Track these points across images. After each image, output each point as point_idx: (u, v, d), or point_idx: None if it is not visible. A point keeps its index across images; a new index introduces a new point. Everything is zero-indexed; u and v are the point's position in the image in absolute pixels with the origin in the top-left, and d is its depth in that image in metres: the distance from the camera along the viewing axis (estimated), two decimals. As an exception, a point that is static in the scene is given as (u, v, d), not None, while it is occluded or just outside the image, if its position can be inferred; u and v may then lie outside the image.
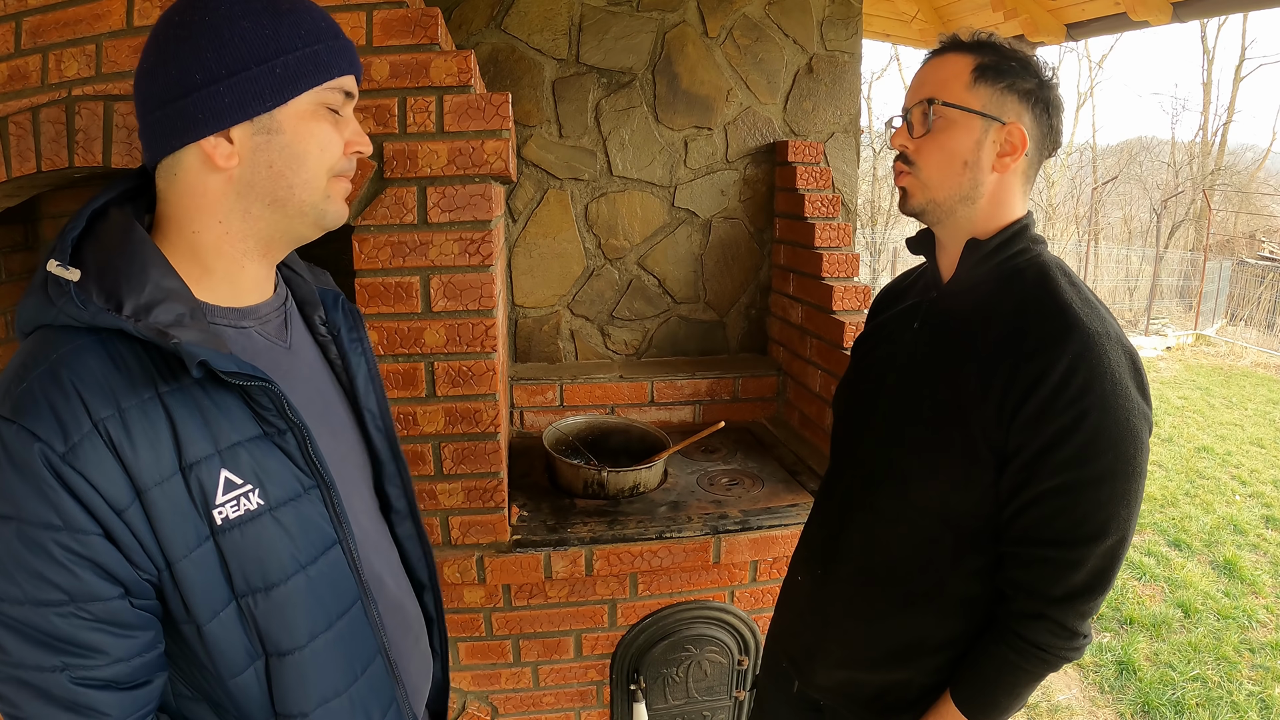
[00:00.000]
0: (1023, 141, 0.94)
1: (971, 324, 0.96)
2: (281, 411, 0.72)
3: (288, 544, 0.72)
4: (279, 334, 0.81)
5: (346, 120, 0.76)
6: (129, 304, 0.65)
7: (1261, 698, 2.72)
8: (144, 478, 0.64)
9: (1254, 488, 4.80)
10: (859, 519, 1.08)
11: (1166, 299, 12.00)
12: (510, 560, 1.55)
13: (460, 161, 1.37)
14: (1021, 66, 0.95)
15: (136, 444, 0.63)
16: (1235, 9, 2.74)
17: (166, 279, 0.69)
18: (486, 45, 2.09)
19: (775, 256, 2.35)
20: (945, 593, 1.01)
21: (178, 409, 0.66)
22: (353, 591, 0.79)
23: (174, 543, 0.65)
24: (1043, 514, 0.90)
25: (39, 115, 1.34)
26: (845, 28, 2.30)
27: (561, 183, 2.20)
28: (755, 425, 2.28)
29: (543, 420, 2.16)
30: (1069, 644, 0.93)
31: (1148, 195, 15.93)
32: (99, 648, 0.64)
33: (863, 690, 1.10)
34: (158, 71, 0.69)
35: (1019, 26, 3.11)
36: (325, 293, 0.90)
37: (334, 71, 0.73)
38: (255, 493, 0.70)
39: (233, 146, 0.69)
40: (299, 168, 0.72)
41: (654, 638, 1.76)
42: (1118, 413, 0.86)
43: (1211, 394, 7.24)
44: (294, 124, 0.71)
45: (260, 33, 0.68)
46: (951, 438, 0.94)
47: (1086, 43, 10.85)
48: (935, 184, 0.97)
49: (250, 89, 0.68)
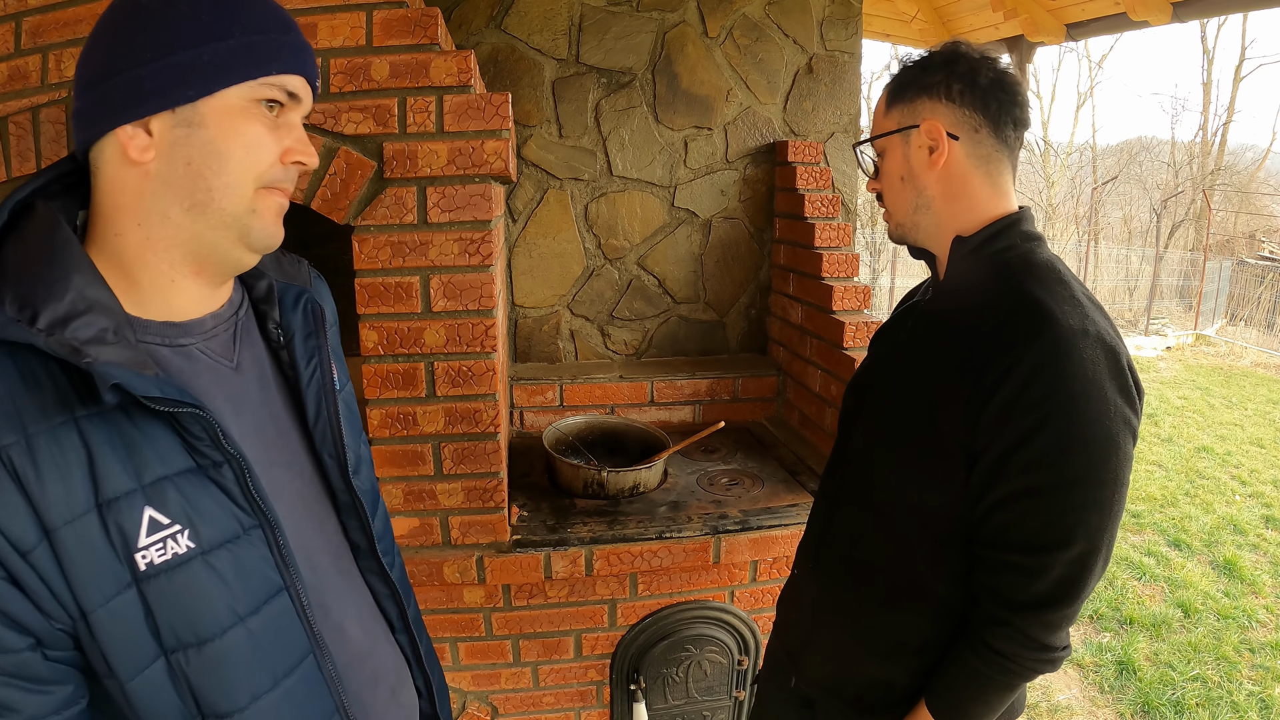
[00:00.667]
0: (940, 134, 0.94)
1: (953, 322, 0.96)
2: (216, 442, 0.63)
3: (223, 592, 0.63)
4: (225, 351, 0.71)
5: (289, 126, 0.68)
6: (45, 315, 0.57)
7: (1261, 698, 2.72)
8: (52, 515, 0.56)
9: (1254, 488, 4.80)
10: (845, 515, 1.10)
11: (1166, 299, 12.00)
12: (510, 560, 1.55)
13: (460, 161, 1.37)
14: (923, 67, 0.96)
15: (44, 476, 0.55)
16: (1235, 9, 2.74)
17: (91, 288, 0.60)
18: (486, 45, 2.09)
19: (775, 256, 2.35)
20: (926, 594, 1.00)
21: (96, 437, 0.58)
22: (302, 645, 0.70)
23: (88, 590, 0.57)
24: (1008, 518, 0.88)
25: (39, 115, 1.34)
26: (845, 28, 2.31)
27: (561, 183, 2.20)
28: (755, 425, 2.28)
29: (543, 420, 2.16)
30: (1036, 655, 0.89)
31: (1148, 195, 15.93)
32: (9, 705, 0.57)
33: (848, 687, 1.11)
34: (89, 54, 0.63)
35: (1019, 26, 3.11)
36: (287, 289, 0.79)
37: (273, 67, 0.65)
38: (185, 534, 0.61)
39: (150, 139, 0.62)
40: (220, 169, 0.64)
41: (654, 638, 1.76)
42: (1088, 415, 0.82)
43: (1211, 394, 7.24)
44: (219, 119, 0.63)
45: (196, 17, 0.62)
46: (926, 436, 0.94)
47: (1086, 43, 10.84)
48: (892, 209, 1.02)
49: (174, 76, 0.61)
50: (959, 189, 0.96)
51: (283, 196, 0.69)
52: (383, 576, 0.85)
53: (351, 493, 0.80)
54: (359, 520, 0.82)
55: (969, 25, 3.45)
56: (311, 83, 0.70)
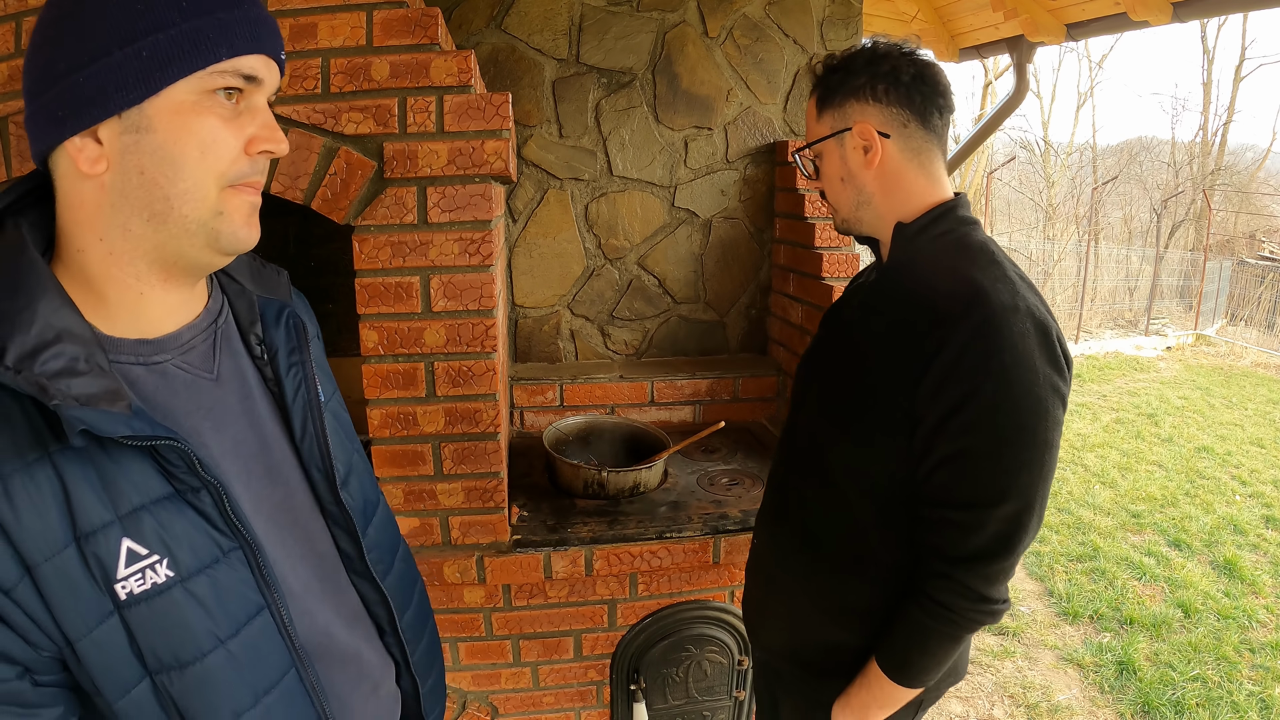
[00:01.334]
0: (872, 135, 1.01)
1: (895, 300, 1.02)
2: (193, 469, 0.62)
3: (203, 618, 0.63)
4: (204, 363, 0.69)
5: (252, 112, 0.63)
6: (13, 350, 0.55)
7: (1261, 698, 2.72)
8: (32, 552, 0.55)
9: (1254, 488, 4.80)
10: (794, 484, 1.16)
11: (1166, 299, 12.00)
12: (510, 560, 1.55)
13: (460, 161, 1.37)
14: (847, 70, 1.02)
15: (21, 514, 0.55)
16: (1235, 9, 2.74)
17: (58, 315, 0.58)
18: (486, 45, 2.09)
19: (775, 256, 2.35)
20: (875, 558, 1.06)
21: (71, 472, 0.57)
22: (284, 661, 0.70)
23: (72, 621, 0.57)
24: (946, 479, 0.94)
25: (39, 115, 1.34)
26: (845, 28, 2.30)
27: (561, 183, 2.20)
28: (755, 425, 2.28)
29: (543, 420, 2.16)
30: (976, 606, 0.95)
31: (1148, 195, 15.92)
32: None
33: (803, 653, 1.17)
34: (30, 60, 0.59)
35: (1019, 26, 3.11)
36: (268, 304, 0.77)
37: (222, 51, 0.59)
38: (163, 563, 0.60)
39: (101, 149, 0.58)
40: (175, 175, 0.59)
41: (654, 638, 1.76)
42: (1018, 383, 0.88)
43: (1211, 394, 7.24)
44: (168, 120, 0.58)
45: (129, 8, 0.56)
46: (871, 406, 1.00)
47: (1086, 43, 10.84)
48: (836, 205, 1.10)
49: (112, 77, 0.56)
50: (895, 182, 1.03)
51: (252, 193, 0.65)
52: (372, 583, 0.84)
53: (339, 505, 0.79)
54: (347, 530, 0.81)
55: (969, 25, 3.45)
56: (275, 56, 0.64)
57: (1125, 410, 6.57)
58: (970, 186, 13.09)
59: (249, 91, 0.63)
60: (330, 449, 0.78)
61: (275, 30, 0.64)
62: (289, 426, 0.76)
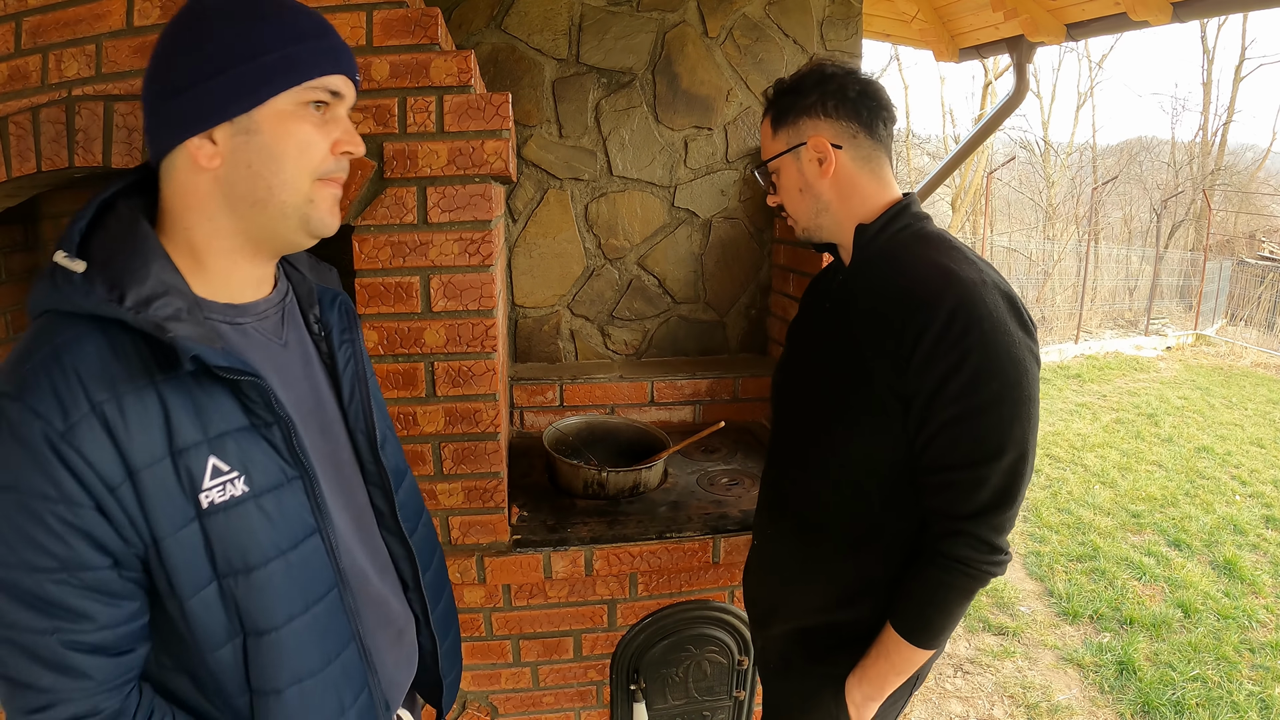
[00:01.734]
0: (825, 147, 1.10)
1: (866, 295, 1.09)
2: (269, 405, 0.75)
3: (269, 530, 0.75)
4: (275, 331, 0.83)
5: (336, 120, 0.77)
6: (131, 296, 0.68)
7: (1261, 698, 2.72)
8: (136, 459, 0.67)
9: (1254, 488, 4.80)
10: (794, 477, 1.22)
11: (1166, 299, 12.00)
12: (510, 560, 1.55)
13: (460, 161, 1.37)
14: (795, 92, 1.11)
15: (131, 428, 0.67)
16: (1235, 9, 2.74)
17: (167, 274, 0.72)
18: (486, 45, 2.09)
19: (775, 256, 2.35)
20: (884, 535, 1.12)
21: (171, 398, 0.69)
22: (329, 579, 0.81)
23: (161, 521, 0.69)
24: (946, 443, 1.01)
25: (39, 115, 1.34)
26: (845, 28, 2.30)
27: (561, 183, 2.20)
28: (755, 425, 2.28)
29: (543, 420, 2.16)
30: (988, 558, 1.02)
31: (1148, 195, 15.92)
32: (88, 614, 0.68)
33: (812, 635, 1.21)
34: (154, 75, 0.73)
35: (1019, 26, 3.10)
36: (324, 291, 0.93)
37: (314, 71, 0.74)
38: (240, 480, 0.73)
39: (216, 147, 0.72)
40: (277, 168, 0.74)
41: (654, 638, 1.76)
42: (998, 346, 0.97)
43: (1211, 394, 7.24)
44: (272, 124, 0.73)
45: (241, 36, 0.71)
46: (862, 395, 1.06)
47: (1086, 43, 10.84)
48: (796, 216, 1.17)
49: (229, 90, 0.71)
50: (850, 189, 1.12)
51: (336, 187, 0.79)
52: (400, 539, 0.97)
53: (378, 463, 0.93)
54: (382, 488, 0.94)
55: (969, 25, 3.45)
56: (352, 77, 0.79)
57: (1125, 410, 6.57)
58: (970, 186, 13.09)
59: (333, 104, 0.77)
60: (373, 414, 0.93)
61: (351, 56, 0.79)
62: (339, 393, 0.91)
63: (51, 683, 0.68)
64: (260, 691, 0.76)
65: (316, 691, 0.80)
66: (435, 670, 1.06)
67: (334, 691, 0.82)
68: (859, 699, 1.15)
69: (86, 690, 0.69)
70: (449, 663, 1.09)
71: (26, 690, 0.68)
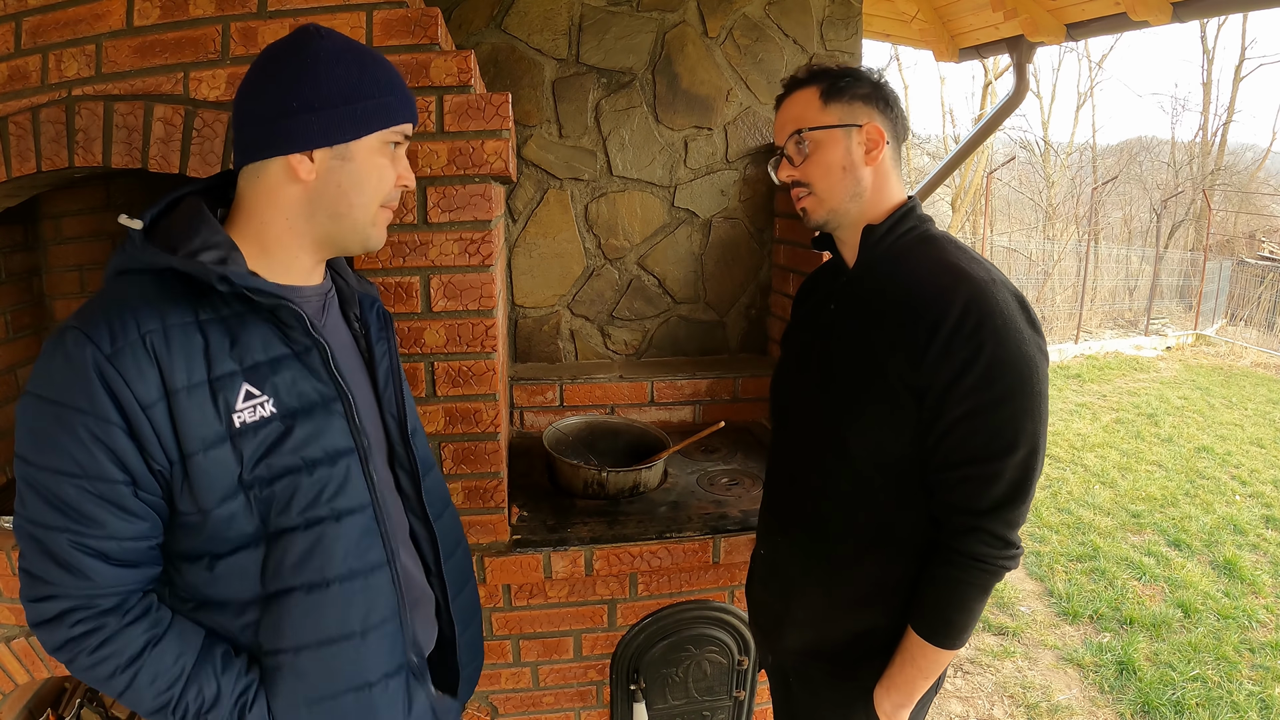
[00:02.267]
0: (881, 135, 1.11)
1: (877, 293, 1.11)
2: (305, 329, 0.85)
3: (296, 447, 0.83)
4: (317, 314, 0.94)
5: (400, 157, 0.91)
6: (181, 250, 0.81)
7: (1261, 698, 2.72)
8: (175, 381, 0.77)
9: (1254, 488, 4.80)
10: (807, 483, 1.20)
11: (1166, 299, 12.00)
12: (510, 560, 1.55)
13: (460, 161, 1.37)
14: (854, 78, 1.13)
15: (174, 355, 0.78)
16: (1235, 9, 2.74)
17: (214, 235, 0.83)
18: (486, 45, 2.09)
19: (775, 256, 2.35)
20: (895, 537, 1.12)
21: (213, 332, 0.81)
22: (365, 498, 0.90)
23: (192, 438, 0.78)
24: (959, 438, 1.02)
25: (39, 115, 1.34)
26: (845, 28, 2.30)
27: (561, 183, 2.20)
28: (755, 425, 2.28)
29: (543, 420, 2.16)
30: (1003, 553, 1.03)
31: (1148, 195, 15.91)
32: (98, 520, 0.77)
33: (830, 645, 1.20)
34: (263, 94, 0.84)
35: (1019, 26, 3.10)
36: (364, 296, 1.04)
37: (399, 118, 0.88)
38: (269, 402, 0.83)
39: (313, 164, 0.84)
40: (359, 191, 0.87)
41: (654, 638, 1.76)
42: (1010, 343, 0.99)
43: (1211, 394, 7.24)
44: (363, 155, 0.86)
45: (349, 79, 0.84)
46: (875, 390, 1.07)
47: (1086, 43, 10.84)
48: (829, 194, 1.14)
49: (335, 122, 0.83)
50: (882, 184, 1.14)
51: (390, 212, 0.93)
52: (424, 522, 1.05)
53: (407, 447, 1.02)
54: (410, 472, 1.03)
55: (969, 25, 3.45)
56: (415, 124, 0.92)
57: (1125, 410, 6.57)
58: (970, 186, 13.09)
59: (401, 145, 0.91)
60: (405, 403, 1.03)
61: (416, 108, 0.93)
62: (374, 384, 1.00)
63: (57, 577, 0.77)
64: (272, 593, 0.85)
65: (335, 600, 0.87)
66: (454, 659, 1.10)
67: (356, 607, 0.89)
68: (889, 708, 1.14)
69: (84, 590, 0.78)
70: (469, 654, 1.14)
71: (36, 580, 0.78)
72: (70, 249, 1.99)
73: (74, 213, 1.97)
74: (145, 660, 0.80)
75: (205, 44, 1.32)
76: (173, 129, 1.33)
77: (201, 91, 1.33)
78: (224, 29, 1.32)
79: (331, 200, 0.86)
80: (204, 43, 1.32)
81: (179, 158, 1.33)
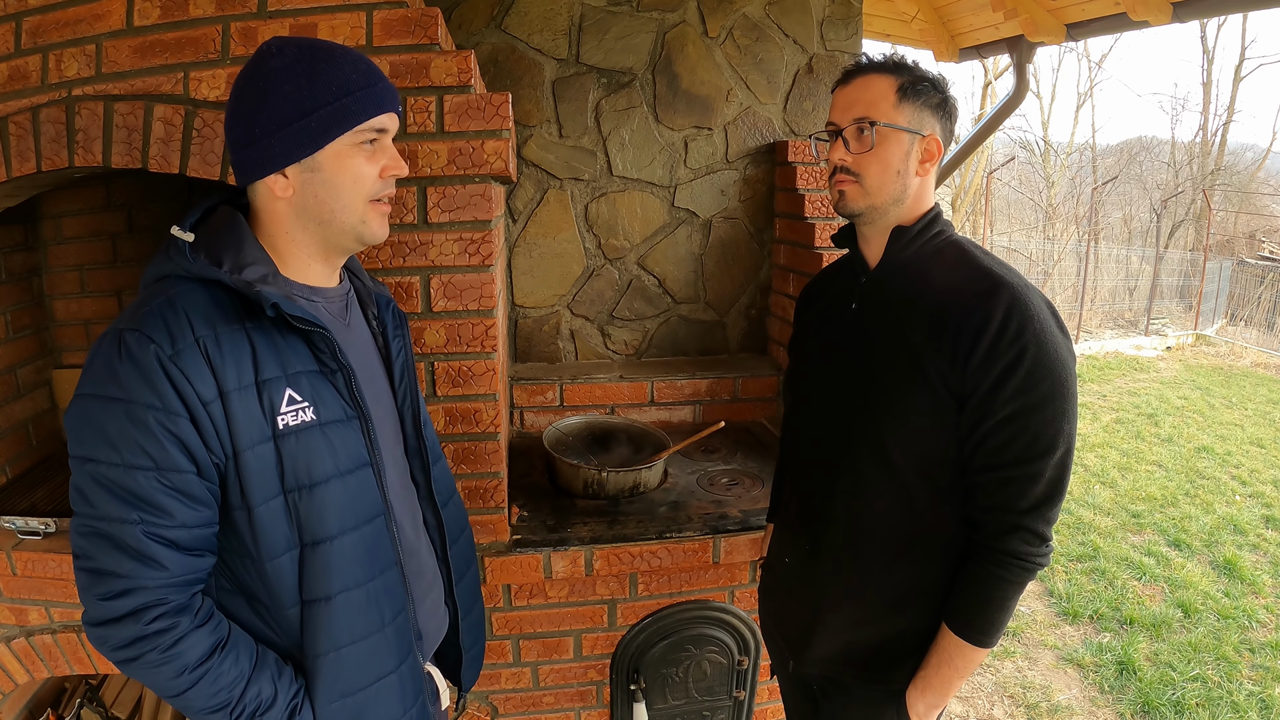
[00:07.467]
0: (939, 149, 1.12)
1: (909, 295, 1.11)
2: (334, 355, 0.91)
3: (330, 453, 0.90)
4: (341, 313, 1.00)
5: (383, 149, 0.92)
6: (227, 263, 0.87)
7: (1261, 698, 2.72)
8: (227, 383, 0.83)
9: (1254, 488, 4.80)
10: (843, 487, 1.17)
11: (1166, 299, 11.99)
12: (510, 560, 1.55)
13: (460, 161, 1.37)
14: (931, 85, 1.11)
15: (225, 359, 0.83)
16: (1235, 9, 2.74)
17: (255, 251, 0.90)
18: (486, 45, 2.09)
19: (775, 256, 2.35)
20: (930, 540, 1.13)
21: (258, 340, 0.87)
22: (378, 506, 0.96)
23: (242, 435, 0.84)
24: (1002, 441, 1.03)
25: (39, 115, 1.34)
26: (845, 28, 2.30)
27: (561, 183, 2.20)
28: (755, 425, 2.28)
29: (543, 420, 2.16)
30: (1040, 550, 1.05)
31: (1148, 195, 15.91)
32: (170, 510, 0.81)
33: (861, 651, 1.19)
34: (234, 122, 0.88)
35: (1019, 26, 3.10)
36: (380, 297, 1.09)
37: (362, 117, 0.88)
38: (310, 409, 0.89)
39: (288, 181, 0.88)
40: (337, 196, 0.90)
41: (654, 638, 1.76)
42: (1048, 346, 1.01)
43: (1211, 394, 7.24)
44: (332, 163, 0.88)
45: (299, 94, 0.85)
46: (914, 392, 1.07)
47: (1086, 43, 10.84)
48: (876, 191, 1.12)
49: (294, 140, 0.86)
50: (924, 192, 1.15)
51: (386, 205, 0.95)
52: (433, 508, 1.12)
53: (419, 438, 1.10)
54: (421, 461, 1.10)
55: (969, 25, 3.45)
56: (395, 111, 0.93)
57: (1125, 410, 6.57)
58: (970, 186, 13.09)
59: (381, 137, 0.92)
60: (419, 394, 1.10)
61: (395, 93, 0.93)
62: (390, 376, 1.07)
63: (131, 569, 0.80)
64: (311, 600, 0.90)
65: (360, 603, 0.93)
66: (457, 642, 1.17)
67: (375, 606, 0.95)
68: (923, 709, 1.14)
69: (159, 580, 0.81)
70: (471, 637, 1.20)
71: (107, 577, 0.81)
72: (70, 249, 1.99)
73: (74, 213, 1.97)
74: (211, 664, 0.84)
75: (205, 44, 1.32)
76: (173, 129, 1.33)
77: (201, 91, 1.33)
78: (224, 29, 1.32)
79: (314, 209, 0.90)
80: (204, 43, 1.32)
81: (179, 158, 1.33)
